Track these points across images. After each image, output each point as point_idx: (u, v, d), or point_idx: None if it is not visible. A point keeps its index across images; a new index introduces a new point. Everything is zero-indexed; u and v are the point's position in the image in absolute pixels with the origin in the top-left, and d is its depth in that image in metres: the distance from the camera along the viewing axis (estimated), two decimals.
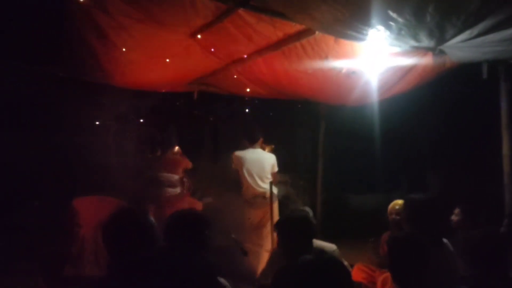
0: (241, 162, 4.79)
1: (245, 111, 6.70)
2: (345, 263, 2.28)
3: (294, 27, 3.33)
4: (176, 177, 4.99)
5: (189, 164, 5.06)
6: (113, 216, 1.77)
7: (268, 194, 4.74)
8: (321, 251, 2.83)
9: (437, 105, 5.89)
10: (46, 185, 5.67)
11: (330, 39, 3.43)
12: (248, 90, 5.39)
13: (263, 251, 4.44)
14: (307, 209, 3.22)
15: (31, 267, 4.34)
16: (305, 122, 6.93)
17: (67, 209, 4.76)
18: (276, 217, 4.74)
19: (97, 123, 6.51)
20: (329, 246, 2.95)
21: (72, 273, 4.44)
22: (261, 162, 4.83)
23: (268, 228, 4.57)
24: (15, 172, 5.57)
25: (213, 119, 6.70)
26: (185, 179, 5.25)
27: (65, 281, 4.32)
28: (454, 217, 3.76)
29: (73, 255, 4.53)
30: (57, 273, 4.41)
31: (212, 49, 3.97)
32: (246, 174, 4.77)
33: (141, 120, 5.67)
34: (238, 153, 4.86)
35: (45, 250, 4.73)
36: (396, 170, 7.33)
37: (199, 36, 3.61)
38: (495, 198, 4.03)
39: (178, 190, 5.01)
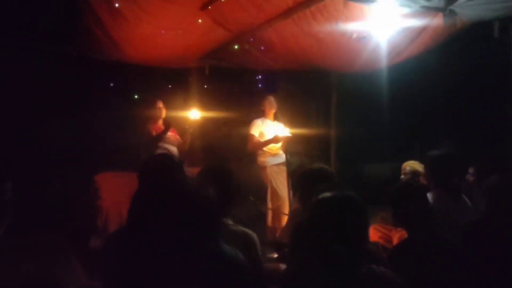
0: (259, 127, 4.94)
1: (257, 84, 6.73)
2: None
3: None
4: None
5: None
6: None
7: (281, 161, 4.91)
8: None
9: (448, 68, 5.81)
10: (67, 166, 5.79)
11: (339, 3, 3.44)
12: (259, 62, 5.42)
13: (281, 213, 4.55)
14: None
15: (59, 241, 4.51)
16: (317, 93, 6.94)
17: (89, 185, 4.94)
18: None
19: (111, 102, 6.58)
20: None
21: (98, 245, 4.61)
22: (274, 130, 4.94)
23: (284, 192, 4.67)
24: (35, 156, 5.67)
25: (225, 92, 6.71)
26: None
27: (91, 253, 4.49)
28: (469, 177, 3.80)
29: (99, 227, 4.71)
30: (84, 245, 4.59)
31: (223, 21, 4.01)
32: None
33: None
34: (257, 120, 5.00)
35: (71, 224, 4.91)
36: (410, 138, 7.30)
37: (209, 8, 3.66)
38: (508, 158, 4.07)
39: None
